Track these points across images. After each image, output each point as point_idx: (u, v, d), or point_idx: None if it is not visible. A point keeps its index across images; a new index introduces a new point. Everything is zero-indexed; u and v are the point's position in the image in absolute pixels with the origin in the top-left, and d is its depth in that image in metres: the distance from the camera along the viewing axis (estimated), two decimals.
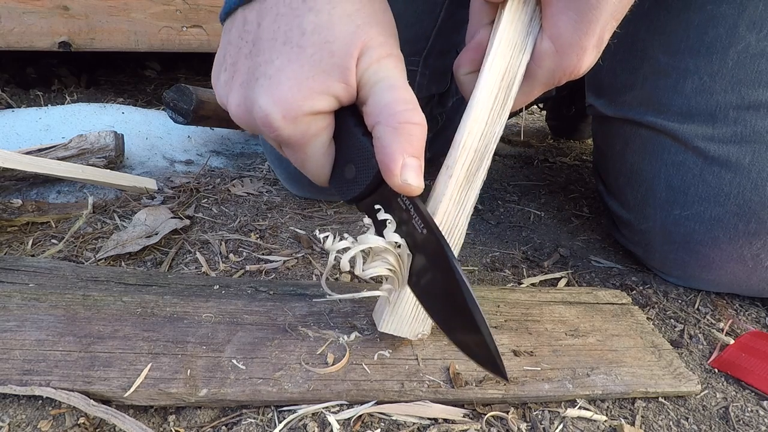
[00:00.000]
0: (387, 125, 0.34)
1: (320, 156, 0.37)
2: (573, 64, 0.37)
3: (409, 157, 0.33)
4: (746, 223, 0.51)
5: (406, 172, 0.33)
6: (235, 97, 0.36)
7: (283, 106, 0.34)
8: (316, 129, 0.36)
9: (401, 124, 0.33)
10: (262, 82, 0.34)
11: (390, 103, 0.34)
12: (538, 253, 0.67)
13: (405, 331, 0.40)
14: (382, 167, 0.34)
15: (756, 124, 0.49)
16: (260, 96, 0.34)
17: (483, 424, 0.37)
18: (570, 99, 1.16)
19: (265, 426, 0.36)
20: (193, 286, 0.48)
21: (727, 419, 0.41)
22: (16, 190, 0.70)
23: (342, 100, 0.35)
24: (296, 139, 0.36)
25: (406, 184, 0.34)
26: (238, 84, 0.36)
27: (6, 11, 1.07)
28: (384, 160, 0.34)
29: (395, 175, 0.33)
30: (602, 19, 0.35)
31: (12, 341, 0.38)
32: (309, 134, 0.36)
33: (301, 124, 0.35)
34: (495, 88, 0.38)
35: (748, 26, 0.49)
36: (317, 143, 0.37)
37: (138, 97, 1.33)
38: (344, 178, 0.38)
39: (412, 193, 0.34)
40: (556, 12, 0.36)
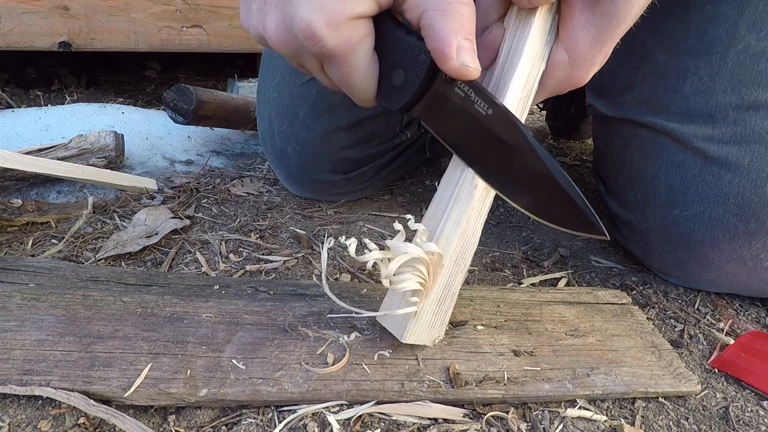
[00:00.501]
0: (436, 9, 0.32)
1: (365, 66, 0.36)
2: (580, 76, 0.37)
3: (463, 39, 0.32)
4: (746, 223, 0.51)
5: (463, 54, 0.32)
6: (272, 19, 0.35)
7: (325, 12, 0.33)
8: (359, 35, 0.34)
9: (450, 4, 0.32)
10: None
11: None
12: (538, 253, 0.67)
13: (424, 339, 0.40)
14: (436, 54, 0.32)
15: (756, 124, 0.49)
16: (300, 8, 0.33)
17: (483, 424, 0.37)
18: (570, 99, 1.16)
19: (265, 426, 0.36)
20: (193, 286, 0.48)
21: (727, 419, 0.41)
22: (16, 190, 0.70)
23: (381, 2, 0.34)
24: (341, 48, 0.34)
25: (464, 66, 0.32)
26: (273, 5, 0.35)
27: (6, 11, 1.07)
28: (438, 46, 0.32)
29: (452, 58, 0.32)
30: (616, 37, 0.36)
31: (12, 341, 0.38)
32: (353, 41, 0.34)
33: (345, 31, 0.33)
34: (519, 97, 0.38)
35: (747, 26, 0.49)
36: (362, 51, 0.35)
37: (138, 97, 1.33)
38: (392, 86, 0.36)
39: (470, 75, 0.33)
40: (577, 26, 0.36)
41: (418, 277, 0.36)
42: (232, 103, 0.93)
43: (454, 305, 0.40)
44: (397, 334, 0.40)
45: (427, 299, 0.38)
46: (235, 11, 1.23)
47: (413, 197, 0.82)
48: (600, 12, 0.35)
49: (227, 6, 1.22)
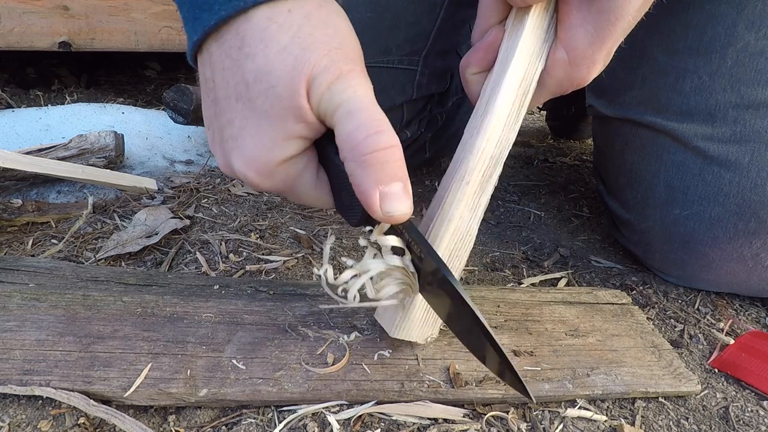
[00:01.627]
0: (353, 161, 0.31)
1: (312, 190, 0.37)
2: (582, 76, 0.37)
3: (386, 185, 0.32)
4: (746, 222, 0.51)
5: (386, 204, 0.32)
6: (219, 158, 0.36)
7: (253, 165, 0.33)
8: (294, 172, 0.35)
9: (367, 155, 0.31)
10: (231, 144, 0.34)
11: (351, 134, 0.31)
12: (538, 253, 0.67)
13: (415, 336, 0.40)
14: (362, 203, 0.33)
15: (755, 123, 0.49)
16: (234, 160, 0.34)
17: (483, 424, 0.37)
18: (570, 99, 1.16)
19: (265, 426, 0.36)
20: (193, 286, 0.48)
21: (727, 419, 0.41)
22: (16, 190, 0.70)
23: (308, 137, 0.34)
24: (280, 187, 0.35)
25: (389, 216, 0.32)
26: (218, 145, 0.36)
27: (6, 11, 1.07)
28: (361, 198, 0.32)
29: (375, 210, 0.32)
30: (616, 35, 0.35)
31: (12, 341, 0.38)
32: (290, 179, 0.35)
33: (278, 175, 0.34)
34: (513, 95, 0.38)
35: (746, 26, 0.49)
36: (303, 182, 0.36)
37: (138, 97, 1.33)
38: (343, 204, 0.37)
39: (399, 221, 0.33)
40: (575, 24, 0.36)
41: (398, 281, 0.36)
42: None
43: None
44: (387, 329, 0.40)
45: (417, 295, 0.38)
46: None
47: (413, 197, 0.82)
48: (597, 9, 0.35)
49: None
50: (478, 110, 0.39)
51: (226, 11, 0.31)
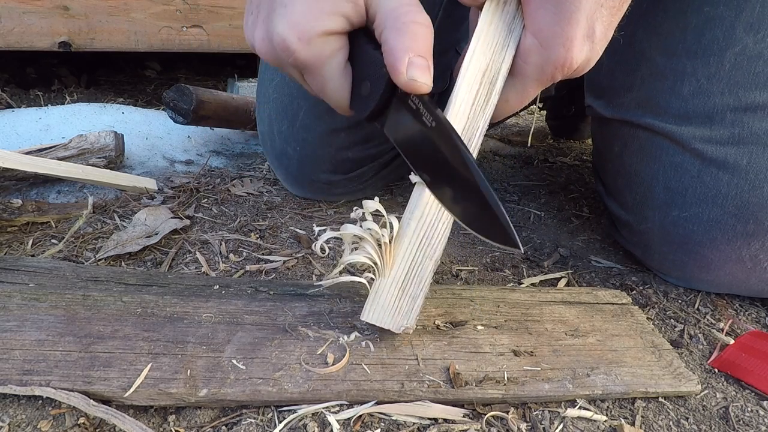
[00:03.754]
0: (392, 28, 0.35)
1: (337, 77, 0.39)
2: (562, 57, 0.37)
3: (415, 56, 0.34)
4: (744, 224, 0.51)
5: (412, 70, 0.34)
6: (259, 32, 0.39)
7: (297, 28, 0.36)
8: (330, 49, 0.38)
9: (404, 24, 0.34)
10: (280, 11, 0.37)
11: (394, 8, 0.35)
12: (538, 253, 0.67)
13: (388, 323, 0.40)
14: (389, 69, 0.35)
15: (753, 125, 0.49)
16: (278, 24, 0.37)
17: (483, 424, 0.37)
18: (570, 99, 1.16)
19: (265, 426, 0.36)
20: (193, 286, 0.48)
21: (727, 419, 0.41)
22: (16, 190, 0.70)
23: (352, 20, 0.37)
24: (313, 60, 0.37)
25: (413, 81, 0.34)
26: (261, 20, 0.39)
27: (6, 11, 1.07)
28: (390, 61, 0.35)
29: (401, 72, 0.34)
30: (584, 8, 0.35)
31: (12, 341, 0.38)
32: (324, 55, 0.38)
33: (316, 45, 0.37)
34: (476, 84, 0.39)
35: (745, 28, 0.49)
36: (333, 64, 0.38)
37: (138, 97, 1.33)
38: (361, 96, 0.39)
39: (419, 90, 0.35)
40: (535, 7, 0.37)
41: (366, 255, 0.38)
42: (232, 103, 0.93)
43: (424, 293, 0.40)
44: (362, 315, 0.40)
45: (385, 278, 0.39)
46: (236, 11, 1.23)
47: None
48: None
49: (227, 6, 1.22)
50: None
51: None
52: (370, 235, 0.38)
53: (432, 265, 0.40)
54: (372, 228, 0.38)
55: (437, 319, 0.46)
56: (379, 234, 0.38)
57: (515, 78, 0.40)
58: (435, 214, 0.39)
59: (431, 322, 0.45)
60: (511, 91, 0.40)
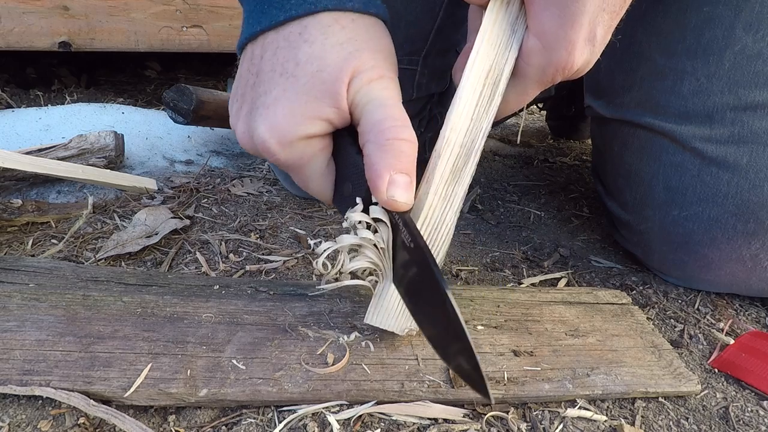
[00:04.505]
0: (374, 142, 0.34)
1: (319, 176, 0.39)
2: (563, 59, 0.37)
3: (397, 173, 0.34)
4: (744, 223, 0.51)
5: (393, 189, 0.34)
6: (240, 126, 0.39)
7: (277, 132, 0.36)
8: (311, 152, 0.38)
9: (388, 140, 0.34)
10: (261, 111, 0.36)
11: (379, 121, 0.35)
12: (538, 253, 0.67)
13: (392, 325, 0.40)
14: (369, 184, 0.35)
15: (753, 124, 0.49)
16: (259, 124, 0.36)
17: (483, 424, 0.37)
18: (569, 99, 1.16)
19: (265, 426, 0.36)
20: (193, 286, 0.48)
21: (727, 419, 0.41)
22: (16, 190, 0.70)
23: (335, 123, 0.37)
24: (293, 162, 0.38)
25: (393, 200, 0.34)
26: (244, 114, 0.38)
27: (6, 11, 1.07)
28: (371, 177, 0.34)
29: (381, 191, 0.34)
30: (588, 12, 0.35)
31: (12, 341, 0.38)
32: (305, 157, 0.38)
33: (296, 149, 0.37)
34: (479, 85, 0.39)
35: (744, 28, 0.49)
36: (314, 165, 0.39)
37: (138, 97, 1.33)
38: (343, 195, 0.39)
39: (399, 208, 0.35)
40: (539, 9, 0.36)
41: (367, 259, 0.38)
42: None
43: None
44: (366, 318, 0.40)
45: (388, 281, 0.38)
46: (236, 11, 1.23)
47: None
48: None
49: (227, 6, 1.22)
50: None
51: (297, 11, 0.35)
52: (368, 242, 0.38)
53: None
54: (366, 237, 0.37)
55: None
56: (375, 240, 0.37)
57: (516, 79, 0.40)
58: (438, 217, 0.39)
59: None
60: (511, 91, 0.40)
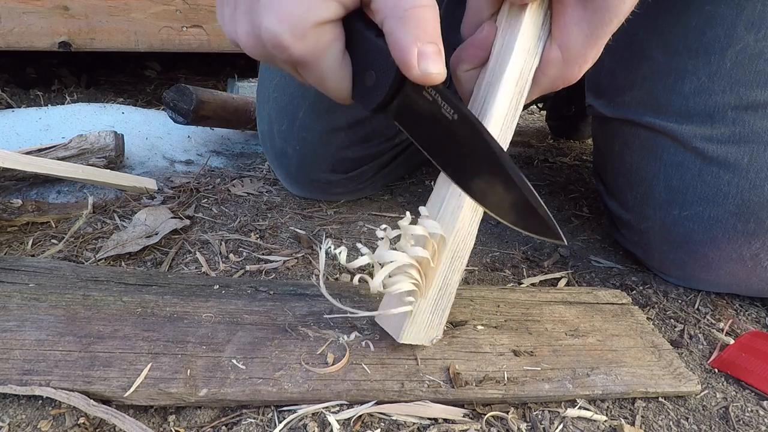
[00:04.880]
0: (394, 17, 0.32)
1: (337, 69, 0.36)
2: (574, 74, 0.37)
3: (424, 44, 0.31)
4: (745, 223, 0.51)
5: (424, 62, 0.32)
6: (242, 27, 0.35)
7: (289, 22, 0.33)
8: (326, 40, 0.34)
9: (408, 11, 0.31)
10: (264, 2, 0.33)
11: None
12: (538, 253, 0.67)
13: (422, 339, 0.40)
14: (398, 62, 0.32)
15: (754, 124, 0.49)
16: (265, 17, 0.33)
17: (483, 424, 0.37)
18: (569, 99, 1.16)
19: (265, 426, 0.36)
20: (193, 286, 0.48)
21: (727, 419, 0.41)
22: (16, 190, 0.70)
23: (347, 4, 0.34)
24: (309, 54, 0.34)
25: (427, 74, 0.32)
26: (242, 13, 0.35)
27: (6, 11, 1.07)
28: (399, 55, 0.32)
29: (413, 66, 0.32)
30: (609, 34, 0.35)
31: (12, 341, 0.38)
32: (321, 47, 0.34)
33: (311, 38, 0.33)
34: (510, 95, 0.37)
35: (746, 27, 0.49)
36: (331, 55, 0.35)
37: (138, 97, 1.33)
38: (365, 87, 0.36)
39: (435, 81, 0.33)
40: (569, 22, 0.36)
41: (410, 278, 0.36)
42: (232, 103, 0.93)
43: (451, 305, 0.40)
44: (393, 334, 0.40)
45: (423, 299, 0.38)
46: None
47: (413, 197, 0.82)
48: (592, 8, 0.35)
49: None
50: (473, 110, 0.39)
51: None
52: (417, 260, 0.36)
53: (459, 277, 0.39)
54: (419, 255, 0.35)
55: None
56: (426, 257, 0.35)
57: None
58: (467, 228, 0.38)
59: None
60: None
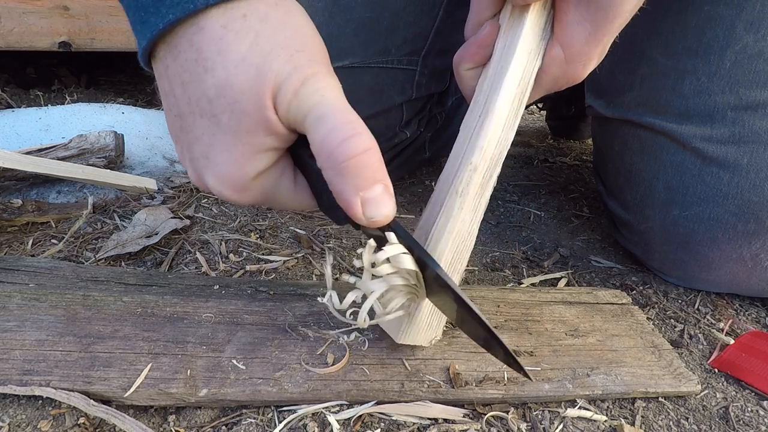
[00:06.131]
0: (332, 169, 0.31)
1: (292, 197, 0.36)
2: (577, 73, 0.38)
3: (366, 191, 0.31)
4: (745, 223, 0.51)
5: (369, 209, 0.31)
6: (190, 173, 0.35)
7: (228, 182, 0.33)
8: (270, 183, 0.35)
9: (344, 163, 0.30)
10: (203, 162, 0.33)
11: (325, 140, 0.30)
12: (538, 253, 0.67)
13: (421, 340, 0.40)
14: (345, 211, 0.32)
15: (754, 124, 0.49)
16: (207, 178, 0.33)
17: (483, 424, 0.37)
18: (570, 99, 1.16)
19: (265, 426, 0.36)
20: (193, 286, 0.48)
21: (727, 419, 0.41)
22: (16, 190, 0.70)
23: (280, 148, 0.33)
24: (259, 199, 0.35)
25: (372, 221, 0.32)
26: (188, 161, 0.35)
27: (6, 11, 1.07)
28: (343, 205, 0.32)
29: (359, 216, 0.32)
30: (613, 32, 0.35)
31: (12, 341, 0.38)
32: (268, 190, 0.35)
33: (255, 188, 0.34)
34: (513, 95, 0.37)
35: (745, 27, 0.49)
36: (281, 191, 0.36)
37: (138, 97, 1.33)
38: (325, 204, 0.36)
39: (383, 224, 0.33)
40: (572, 21, 0.36)
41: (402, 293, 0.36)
42: None
43: None
44: (392, 335, 0.40)
45: (422, 300, 0.38)
46: None
47: (413, 197, 0.82)
48: (595, 7, 0.35)
49: None
50: (475, 110, 0.39)
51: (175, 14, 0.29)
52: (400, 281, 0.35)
53: (458, 277, 0.39)
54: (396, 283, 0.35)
55: None
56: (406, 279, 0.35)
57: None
58: (467, 229, 0.38)
59: None
60: None
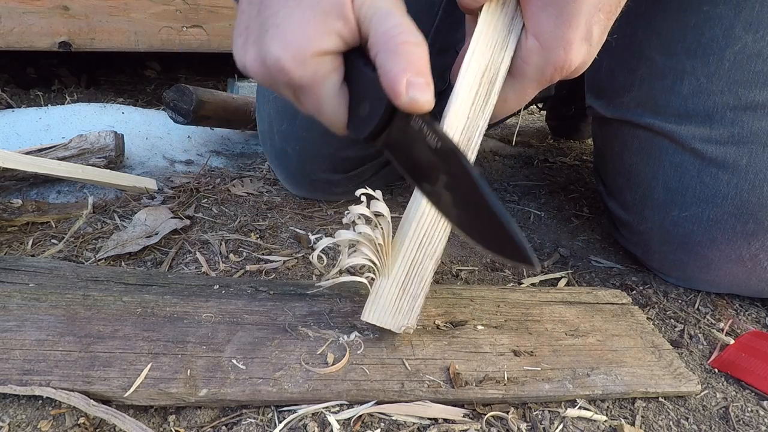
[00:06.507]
0: (386, 51, 0.34)
1: (333, 97, 0.38)
2: (561, 59, 0.37)
3: (413, 75, 0.34)
4: (744, 223, 0.51)
5: (411, 90, 0.33)
6: (251, 54, 0.38)
7: (291, 49, 0.36)
8: (325, 70, 0.37)
9: (398, 45, 0.34)
10: (272, 32, 0.36)
11: (387, 30, 0.35)
12: (538, 253, 0.67)
13: (389, 323, 0.40)
14: (387, 91, 0.34)
15: (753, 125, 0.49)
16: (271, 45, 0.36)
17: (483, 424, 0.37)
18: (570, 99, 1.16)
19: (265, 426, 0.36)
20: (193, 286, 0.48)
21: (727, 419, 0.41)
22: (16, 190, 0.70)
23: (346, 38, 0.36)
24: (307, 80, 0.37)
25: (414, 101, 0.34)
26: (252, 42, 0.38)
27: (6, 11, 1.07)
28: (388, 84, 0.34)
29: (401, 94, 0.34)
30: (585, 11, 0.36)
31: (12, 341, 0.38)
32: (319, 75, 0.37)
33: (311, 65, 0.36)
34: (475, 84, 0.39)
35: (744, 27, 0.49)
36: (328, 84, 0.38)
37: (138, 97, 1.33)
38: (359, 116, 0.39)
39: (422, 109, 0.35)
40: (536, 10, 0.37)
41: (364, 256, 0.38)
42: (232, 103, 0.93)
43: (425, 293, 0.40)
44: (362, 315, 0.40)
45: (385, 278, 0.39)
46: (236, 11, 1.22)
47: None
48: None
49: (227, 6, 1.22)
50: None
51: None
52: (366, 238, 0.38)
53: (433, 264, 0.40)
54: (364, 232, 0.38)
55: (437, 319, 0.46)
56: (373, 236, 0.38)
57: (515, 78, 0.40)
58: (436, 213, 0.39)
59: (431, 321, 0.45)
60: (510, 91, 0.41)
